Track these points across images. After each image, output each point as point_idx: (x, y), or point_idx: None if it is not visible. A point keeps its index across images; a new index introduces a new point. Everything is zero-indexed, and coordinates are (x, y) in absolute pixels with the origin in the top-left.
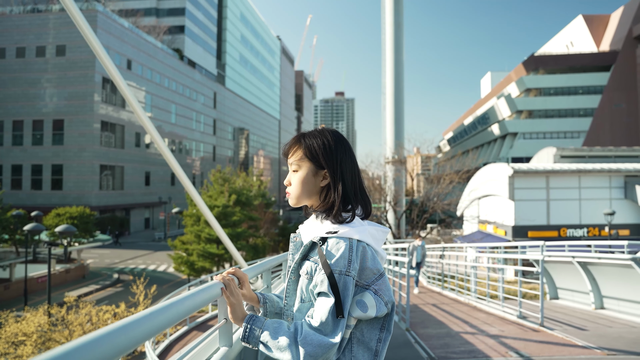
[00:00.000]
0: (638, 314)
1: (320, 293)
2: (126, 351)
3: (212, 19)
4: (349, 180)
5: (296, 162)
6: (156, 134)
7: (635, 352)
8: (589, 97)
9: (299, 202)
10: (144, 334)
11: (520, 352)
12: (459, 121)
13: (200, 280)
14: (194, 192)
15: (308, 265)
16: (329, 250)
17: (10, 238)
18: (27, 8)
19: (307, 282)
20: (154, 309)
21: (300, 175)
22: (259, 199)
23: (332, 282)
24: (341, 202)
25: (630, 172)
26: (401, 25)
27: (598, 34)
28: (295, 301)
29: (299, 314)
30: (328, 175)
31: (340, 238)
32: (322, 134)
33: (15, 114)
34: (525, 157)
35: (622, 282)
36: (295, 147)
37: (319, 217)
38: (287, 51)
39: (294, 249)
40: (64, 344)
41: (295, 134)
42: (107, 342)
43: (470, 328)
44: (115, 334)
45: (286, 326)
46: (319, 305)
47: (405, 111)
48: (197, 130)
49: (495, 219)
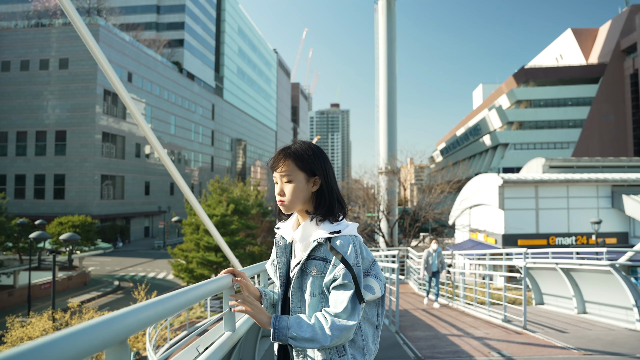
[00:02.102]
0: (616, 317)
1: (339, 285)
2: (159, 320)
3: (210, 33)
4: (334, 184)
5: (287, 173)
6: (158, 144)
7: (610, 352)
8: (578, 109)
9: (293, 209)
10: (173, 308)
11: (502, 352)
12: (451, 132)
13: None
14: (194, 200)
15: (316, 263)
16: (340, 248)
17: (14, 246)
18: (31, 22)
19: (319, 279)
20: (176, 292)
21: (295, 185)
22: (256, 209)
23: (352, 275)
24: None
25: (617, 182)
26: (394, 41)
27: (587, 47)
28: (305, 296)
29: (311, 308)
30: (319, 182)
31: (344, 236)
32: (307, 145)
33: (19, 125)
34: (516, 167)
35: (603, 287)
36: (284, 160)
37: (313, 219)
38: (284, 64)
39: (280, 251)
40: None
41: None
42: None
43: (457, 331)
44: (151, 307)
45: (306, 319)
46: (339, 295)
47: (399, 122)
48: (195, 141)
49: (485, 227)
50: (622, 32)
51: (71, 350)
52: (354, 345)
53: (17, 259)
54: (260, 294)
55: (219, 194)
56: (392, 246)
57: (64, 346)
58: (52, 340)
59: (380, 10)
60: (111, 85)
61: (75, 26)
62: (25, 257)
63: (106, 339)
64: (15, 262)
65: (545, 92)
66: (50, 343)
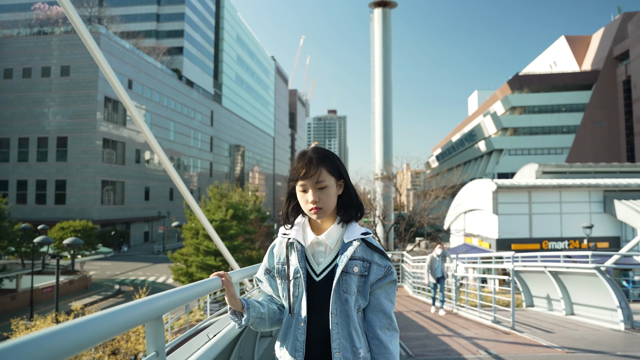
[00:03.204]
0: (602, 318)
1: (392, 282)
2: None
3: (209, 41)
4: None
5: (322, 179)
6: (159, 148)
7: (593, 351)
8: (571, 115)
9: (327, 214)
10: (168, 305)
11: (490, 351)
12: (447, 138)
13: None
14: (194, 204)
15: (356, 263)
16: (378, 247)
17: (17, 250)
18: (33, 30)
19: (358, 278)
20: (169, 291)
21: (331, 190)
22: (255, 214)
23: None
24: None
25: (608, 187)
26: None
27: (580, 54)
28: (346, 296)
29: (352, 306)
30: (343, 184)
31: (372, 236)
32: (327, 150)
33: (21, 132)
34: (511, 173)
35: (589, 289)
36: (316, 167)
37: (340, 222)
38: (281, 71)
39: (299, 256)
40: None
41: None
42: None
43: (448, 331)
44: (143, 305)
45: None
46: (389, 292)
47: (395, 128)
48: (194, 147)
49: (480, 232)
50: (614, 40)
51: (127, 319)
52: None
53: (20, 264)
54: (242, 305)
55: (218, 200)
56: (388, 250)
57: (120, 317)
58: (115, 312)
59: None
60: (114, 91)
61: (79, 34)
62: (27, 261)
63: (147, 314)
64: (18, 266)
65: (539, 98)
66: (114, 313)
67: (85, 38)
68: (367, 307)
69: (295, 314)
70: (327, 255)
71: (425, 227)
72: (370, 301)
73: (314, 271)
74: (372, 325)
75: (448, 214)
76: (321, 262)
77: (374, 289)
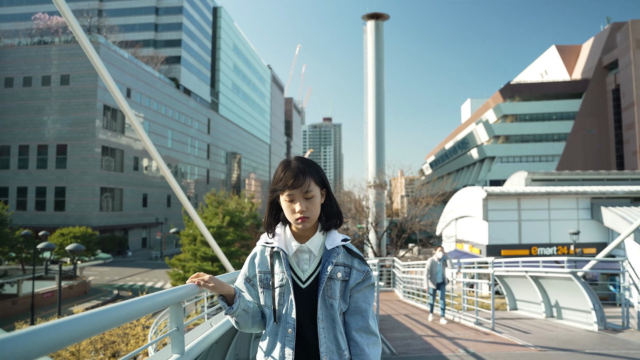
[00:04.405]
0: (579, 320)
1: (371, 285)
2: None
3: (206, 50)
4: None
5: (310, 189)
6: (158, 156)
7: (564, 349)
8: (562, 123)
9: (314, 221)
10: (185, 294)
11: (468, 349)
12: (440, 145)
13: (196, 296)
14: (192, 210)
15: (339, 269)
16: (357, 253)
17: (17, 256)
18: (34, 40)
19: (342, 283)
20: (144, 296)
21: (316, 199)
22: (251, 220)
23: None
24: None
25: (596, 195)
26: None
27: (570, 63)
28: (331, 302)
29: (337, 311)
30: (325, 194)
31: (349, 242)
32: (311, 160)
33: (22, 139)
34: (503, 180)
35: (567, 293)
36: (306, 179)
37: (322, 230)
38: (277, 79)
39: (285, 265)
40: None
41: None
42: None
43: (432, 332)
44: (119, 309)
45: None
46: (368, 295)
47: (390, 135)
48: (192, 155)
49: (470, 238)
50: (604, 49)
51: (156, 303)
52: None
53: (20, 269)
54: (234, 291)
55: (215, 207)
56: (380, 256)
57: (150, 301)
58: (148, 298)
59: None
60: (113, 100)
61: (80, 43)
62: (28, 267)
63: (171, 300)
64: (18, 271)
65: (530, 106)
66: (146, 299)
67: (86, 47)
68: (346, 310)
69: (282, 322)
70: (311, 262)
71: (417, 234)
72: (349, 304)
73: (300, 278)
74: (350, 327)
75: (440, 220)
76: (306, 270)
77: (352, 293)
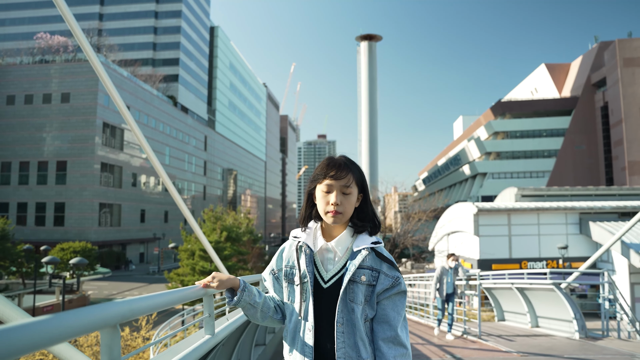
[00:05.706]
0: (561, 329)
1: (402, 292)
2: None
3: (203, 69)
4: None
5: (349, 185)
6: (161, 169)
7: (544, 354)
8: (552, 140)
9: (344, 220)
10: (152, 307)
11: (455, 355)
12: (433, 162)
13: (193, 309)
14: (193, 221)
15: (364, 272)
16: (387, 257)
17: (18, 270)
18: (35, 59)
19: (366, 287)
20: (158, 293)
21: (353, 198)
22: (247, 235)
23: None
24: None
25: (584, 210)
26: (375, 80)
27: (560, 81)
28: (352, 305)
29: (359, 316)
30: (362, 197)
31: (383, 247)
32: (357, 164)
33: (22, 156)
34: (494, 196)
35: (550, 303)
36: (349, 174)
37: (352, 231)
38: (273, 97)
39: (307, 260)
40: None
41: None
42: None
43: (422, 340)
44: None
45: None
46: (397, 303)
47: (383, 152)
48: (189, 171)
49: (462, 253)
50: (592, 67)
51: (191, 293)
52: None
53: (21, 283)
54: (239, 283)
55: (213, 222)
56: None
57: (189, 292)
58: (184, 289)
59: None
60: (112, 117)
61: (91, 62)
62: (28, 281)
63: (205, 292)
64: (19, 285)
65: (521, 124)
66: (184, 290)
67: (95, 65)
68: (374, 318)
69: (303, 319)
70: (336, 262)
71: (410, 249)
72: (377, 311)
73: (322, 277)
74: (376, 336)
75: (432, 235)
76: (330, 269)
77: (380, 299)
